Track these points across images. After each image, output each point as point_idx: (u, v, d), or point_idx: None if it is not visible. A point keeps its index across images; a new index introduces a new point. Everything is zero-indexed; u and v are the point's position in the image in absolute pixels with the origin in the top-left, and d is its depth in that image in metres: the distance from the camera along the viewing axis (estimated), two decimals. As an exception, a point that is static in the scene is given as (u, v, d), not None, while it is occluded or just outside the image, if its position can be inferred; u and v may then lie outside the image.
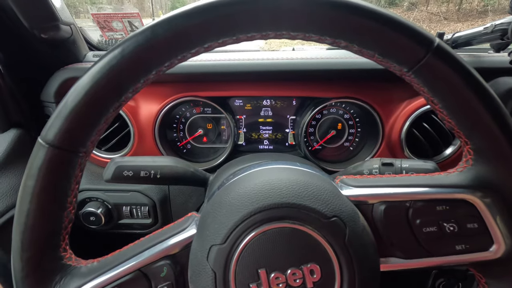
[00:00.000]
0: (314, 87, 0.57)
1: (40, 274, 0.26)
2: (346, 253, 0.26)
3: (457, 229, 0.29)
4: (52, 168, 0.24)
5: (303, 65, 0.53)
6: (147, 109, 0.56)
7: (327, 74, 0.54)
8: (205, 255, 0.27)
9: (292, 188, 0.28)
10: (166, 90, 0.55)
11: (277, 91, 0.58)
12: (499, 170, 0.27)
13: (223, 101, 0.60)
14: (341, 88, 0.55)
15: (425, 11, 10.42)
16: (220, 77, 0.54)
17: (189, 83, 0.56)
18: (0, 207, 0.46)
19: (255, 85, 0.58)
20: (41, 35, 0.46)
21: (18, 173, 0.50)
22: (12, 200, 0.48)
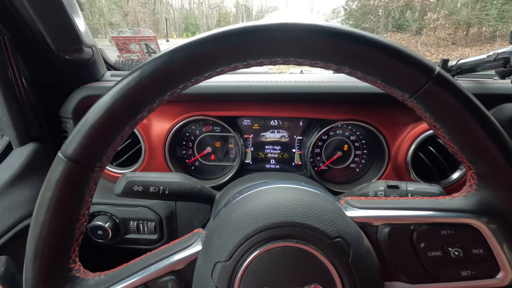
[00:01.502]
0: (320, 109, 0.58)
1: (49, 284, 0.27)
2: (349, 275, 0.26)
3: (462, 254, 0.28)
4: (69, 181, 0.26)
5: (310, 88, 0.55)
6: (159, 127, 0.58)
7: (334, 97, 0.55)
8: (210, 272, 0.27)
9: (297, 207, 0.28)
10: (177, 109, 0.58)
11: (284, 112, 0.60)
12: (503, 195, 0.27)
13: (231, 120, 0.62)
14: (347, 110, 0.57)
15: (433, 36, 10.55)
16: (229, 97, 0.56)
17: (200, 102, 0.58)
18: (14, 218, 0.47)
19: (263, 106, 0.60)
20: (66, 56, 0.49)
21: (34, 185, 0.52)
22: (26, 211, 0.49)
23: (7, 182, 0.49)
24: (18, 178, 0.51)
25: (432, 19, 10.43)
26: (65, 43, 0.47)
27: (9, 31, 0.48)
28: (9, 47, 0.48)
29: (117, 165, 0.60)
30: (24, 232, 0.48)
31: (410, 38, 11.21)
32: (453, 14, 10.26)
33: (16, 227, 0.47)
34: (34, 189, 0.52)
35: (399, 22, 12.44)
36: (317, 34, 0.24)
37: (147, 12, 27.47)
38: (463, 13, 9.80)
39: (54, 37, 0.46)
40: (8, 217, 0.47)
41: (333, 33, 0.24)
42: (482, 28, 9.65)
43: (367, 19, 13.71)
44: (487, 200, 0.28)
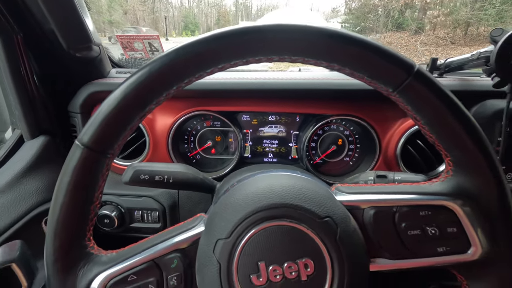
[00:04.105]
0: (316, 105, 0.61)
1: (68, 259, 0.30)
2: (337, 250, 0.29)
3: (438, 233, 0.31)
4: (85, 166, 0.29)
5: (306, 85, 0.58)
6: (162, 121, 0.61)
7: (328, 94, 0.58)
8: (212, 248, 0.30)
9: (290, 191, 0.32)
10: (180, 105, 0.61)
11: (282, 107, 0.63)
12: (476, 180, 0.30)
13: (231, 115, 0.65)
14: (341, 106, 0.60)
15: (432, 35, 10.56)
16: (229, 93, 0.59)
17: (201, 98, 0.61)
18: (28, 205, 0.51)
19: (262, 102, 0.63)
20: (76, 54, 0.52)
21: (44, 175, 0.55)
22: (38, 199, 0.52)
23: (20, 173, 0.52)
24: (30, 168, 0.54)
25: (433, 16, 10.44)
26: (76, 42, 0.50)
27: (21, 31, 0.51)
28: (21, 46, 0.51)
29: (123, 158, 0.63)
30: (36, 218, 0.51)
31: (410, 38, 11.22)
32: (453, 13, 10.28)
33: (29, 214, 0.50)
34: (45, 179, 0.55)
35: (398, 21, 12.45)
36: (309, 35, 0.27)
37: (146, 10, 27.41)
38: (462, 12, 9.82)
39: (66, 36, 0.49)
40: (22, 204, 0.50)
41: (323, 34, 0.27)
42: (480, 27, 9.68)
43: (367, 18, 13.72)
44: (462, 184, 0.31)
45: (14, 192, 0.50)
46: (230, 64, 0.29)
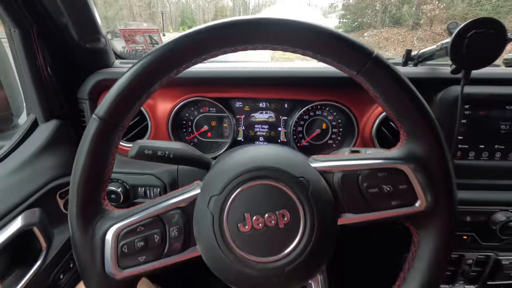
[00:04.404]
0: (301, 91, 0.68)
1: (87, 214, 0.36)
2: (308, 204, 0.35)
3: (392, 190, 0.37)
4: (100, 136, 0.35)
5: (292, 73, 0.65)
6: (163, 107, 0.67)
7: (312, 81, 0.65)
8: (206, 204, 0.37)
9: (272, 157, 0.38)
10: (179, 92, 0.67)
11: (271, 94, 0.70)
12: (422, 146, 0.36)
13: (225, 102, 0.71)
14: (324, 93, 0.67)
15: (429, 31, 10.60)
16: (224, 81, 0.66)
17: (198, 86, 0.68)
18: (43, 180, 0.57)
19: (253, 89, 0.69)
20: (86, 45, 0.58)
21: (57, 154, 0.62)
22: (52, 175, 0.59)
23: (36, 151, 0.59)
24: (45, 148, 0.60)
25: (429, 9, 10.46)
26: (87, 33, 0.57)
27: (36, 23, 0.57)
28: (36, 38, 0.57)
29: (127, 140, 0.70)
30: (52, 191, 0.58)
31: (407, 33, 11.27)
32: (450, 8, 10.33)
33: (45, 187, 0.56)
34: (58, 158, 0.62)
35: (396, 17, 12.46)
36: (286, 27, 0.34)
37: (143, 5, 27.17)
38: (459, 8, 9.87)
39: (78, 28, 0.55)
40: (39, 178, 0.56)
41: (298, 26, 0.34)
42: (477, 23, 9.69)
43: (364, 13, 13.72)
44: (412, 150, 0.37)
45: (31, 168, 0.57)
46: (220, 52, 0.35)
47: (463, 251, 0.73)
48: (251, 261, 0.34)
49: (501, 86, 0.60)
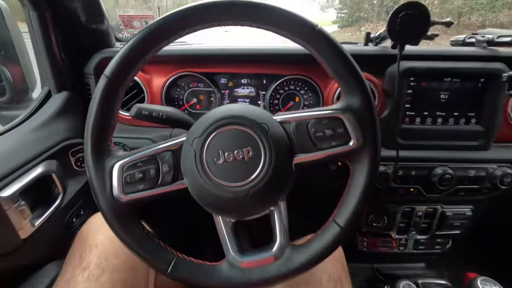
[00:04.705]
0: (276, 67, 0.79)
1: (98, 151, 0.46)
2: (268, 143, 0.43)
3: (332, 133, 0.46)
4: (108, 91, 0.45)
5: (268, 51, 0.76)
6: (157, 80, 0.79)
7: (284, 57, 0.77)
8: (191, 144, 0.47)
9: (242, 110, 0.47)
10: (171, 67, 0.79)
11: (250, 69, 0.81)
12: (355, 100, 0.46)
13: (211, 78, 0.83)
14: (295, 68, 0.78)
15: (423, 25, 10.60)
16: (209, 58, 0.77)
17: (188, 62, 0.79)
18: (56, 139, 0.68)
19: (235, 65, 0.81)
20: (92, 26, 0.70)
21: (67, 120, 0.73)
22: (63, 136, 0.70)
23: (51, 116, 0.70)
24: (58, 114, 0.72)
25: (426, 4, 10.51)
26: (93, 15, 0.68)
27: (50, 8, 0.68)
28: (50, 20, 0.69)
29: (126, 110, 0.81)
30: (65, 149, 0.70)
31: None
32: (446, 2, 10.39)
33: (60, 144, 0.68)
34: (68, 123, 0.73)
35: (392, 11, 12.41)
36: (250, 7, 0.44)
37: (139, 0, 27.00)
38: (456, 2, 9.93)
39: (86, 10, 0.66)
40: (54, 137, 0.68)
41: (257, 6, 0.45)
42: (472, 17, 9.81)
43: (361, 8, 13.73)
44: (348, 103, 0.47)
45: (48, 128, 0.68)
46: (201, 27, 0.45)
47: (413, 204, 0.86)
48: (224, 186, 0.44)
49: (438, 61, 0.72)
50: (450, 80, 0.73)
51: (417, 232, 0.90)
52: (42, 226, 0.60)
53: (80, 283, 0.51)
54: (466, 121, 0.76)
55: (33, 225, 0.57)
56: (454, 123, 0.76)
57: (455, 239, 0.93)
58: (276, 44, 0.90)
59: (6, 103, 0.75)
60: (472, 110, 0.75)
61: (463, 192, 0.78)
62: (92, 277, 0.52)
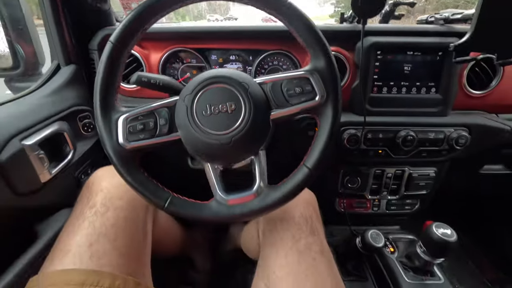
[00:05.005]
0: (260, 43, 0.89)
1: (105, 105, 0.55)
2: (248, 98, 0.50)
3: (301, 90, 0.52)
4: (113, 53, 0.55)
5: (252, 28, 0.86)
6: (154, 55, 0.89)
7: (267, 34, 0.86)
8: (183, 100, 0.56)
9: (226, 72, 0.56)
10: (166, 43, 0.88)
11: (238, 45, 0.90)
12: (320, 63, 0.55)
13: (203, 54, 0.92)
14: (276, 43, 0.88)
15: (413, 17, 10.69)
16: (202, 34, 0.87)
17: (181, 39, 0.88)
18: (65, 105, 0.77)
19: (225, 42, 0.90)
20: (97, 4, 0.79)
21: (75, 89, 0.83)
22: (74, 102, 0.80)
23: (60, 85, 0.80)
24: (67, 84, 0.81)
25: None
26: (98, -6, 0.78)
27: (59, -11, 0.77)
28: (59, 1, 0.78)
29: (127, 82, 0.91)
30: (74, 114, 0.79)
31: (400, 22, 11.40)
32: (442, -4, 10.43)
33: (70, 108, 0.78)
34: (75, 91, 0.83)
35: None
36: None
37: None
38: (451, -4, 9.98)
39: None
40: (64, 102, 0.77)
41: None
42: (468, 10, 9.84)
43: (358, 1, 13.69)
44: (315, 65, 0.56)
45: (58, 95, 0.78)
46: (191, 2, 0.56)
47: (384, 166, 0.97)
48: (211, 133, 0.52)
49: (401, 36, 0.82)
50: (412, 54, 0.83)
51: (388, 193, 1.01)
52: (58, 175, 0.70)
53: (88, 217, 0.60)
54: (427, 90, 0.86)
55: (50, 172, 0.67)
56: (416, 92, 0.86)
57: (423, 200, 1.04)
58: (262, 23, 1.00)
59: (19, 76, 0.84)
60: (432, 81, 0.86)
61: (425, 153, 0.89)
62: (98, 213, 0.60)
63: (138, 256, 0.63)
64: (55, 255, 0.55)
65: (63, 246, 0.56)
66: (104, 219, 0.60)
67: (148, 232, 0.70)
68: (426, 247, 0.78)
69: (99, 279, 0.52)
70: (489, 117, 0.89)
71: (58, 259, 0.54)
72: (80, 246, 0.55)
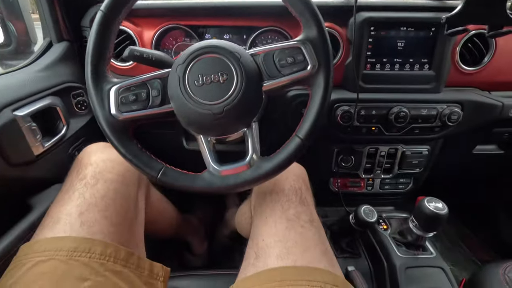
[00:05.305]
0: (254, 19, 0.88)
1: (96, 76, 0.55)
2: (240, 68, 0.50)
3: (293, 60, 0.52)
4: (104, 22, 0.55)
5: (245, 3, 0.86)
6: (147, 32, 0.88)
7: (261, 9, 0.85)
8: (175, 70, 0.56)
9: (218, 42, 0.55)
10: (159, 20, 0.87)
11: (232, 22, 0.89)
12: (312, 33, 0.55)
13: (197, 32, 0.92)
14: (270, 20, 0.88)
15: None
16: (194, 10, 0.86)
17: (174, 16, 0.88)
18: (61, 79, 0.77)
19: (218, 18, 0.89)
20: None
21: (67, 66, 0.82)
22: (66, 78, 0.79)
23: (53, 61, 0.79)
24: (59, 60, 0.81)
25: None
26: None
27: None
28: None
29: (120, 60, 0.91)
30: (67, 90, 0.79)
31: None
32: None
33: (63, 84, 0.77)
34: (68, 68, 0.82)
35: None
36: None
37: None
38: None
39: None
40: (58, 77, 0.77)
41: None
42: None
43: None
44: (306, 35, 0.56)
45: (51, 71, 0.78)
46: None
47: (377, 144, 0.97)
48: (203, 103, 0.52)
49: (395, 12, 0.82)
50: (405, 29, 0.83)
51: (381, 172, 1.02)
52: (51, 150, 0.70)
53: (78, 189, 0.60)
54: (420, 67, 0.87)
55: (43, 145, 0.67)
56: (409, 69, 0.87)
57: (416, 178, 1.06)
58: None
59: (11, 53, 0.84)
60: (425, 57, 0.86)
61: (418, 130, 0.89)
62: (88, 185, 0.60)
63: (130, 227, 0.63)
64: (46, 224, 0.55)
65: (54, 215, 0.56)
66: (94, 191, 0.60)
67: (141, 209, 0.71)
68: (418, 221, 0.79)
69: (91, 247, 0.52)
70: (481, 93, 0.89)
71: (49, 228, 0.54)
72: (70, 215, 0.55)
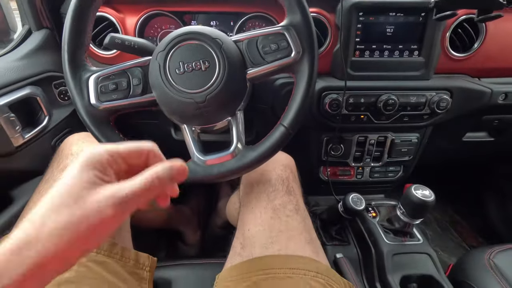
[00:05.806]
0: (240, 5, 0.86)
1: (74, 64, 0.54)
2: (222, 55, 0.50)
3: (277, 47, 0.53)
4: (81, 9, 0.53)
5: None
6: (130, 20, 0.85)
7: None
8: (155, 58, 0.54)
9: (200, 28, 0.54)
10: (142, 6, 0.85)
11: (217, 8, 0.87)
12: (296, 19, 0.54)
13: (182, 20, 0.89)
14: (255, 5, 0.85)
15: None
16: None
17: (158, 1, 0.85)
18: (41, 68, 0.75)
19: (204, 4, 0.87)
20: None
21: (47, 55, 0.80)
22: (47, 67, 0.77)
23: (33, 49, 0.77)
24: (39, 48, 0.78)
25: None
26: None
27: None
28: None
29: (103, 49, 0.88)
30: (48, 79, 0.77)
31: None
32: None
33: (44, 73, 0.75)
34: (49, 57, 0.80)
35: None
36: None
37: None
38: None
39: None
40: (38, 66, 0.75)
41: None
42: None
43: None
44: (290, 21, 0.55)
45: (30, 59, 0.75)
46: None
47: (366, 133, 0.97)
48: (185, 92, 0.52)
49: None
50: (395, 15, 0.82)
51: (371, 160, 1.02)
52: (32, 141, 0.69)
53: (57, 179, 0.58)
54: (410, 53, 0.85)
55: (23, 137, 0.66)
56: (399, 56, 0.85)
57: (405, 166, 1.06)
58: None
59: (-11, 42, 0.81)
60: (415, 43, 0.84)
61: (407, 117, 0.89)
62: None
63: None
64: (25, 214, 0.55)
65: (33, 206, 0.55)
66: None
67: None
68: (405, 208, 0.79)
69: None
70: (471, 80, 0.88)
71: None
72: None
